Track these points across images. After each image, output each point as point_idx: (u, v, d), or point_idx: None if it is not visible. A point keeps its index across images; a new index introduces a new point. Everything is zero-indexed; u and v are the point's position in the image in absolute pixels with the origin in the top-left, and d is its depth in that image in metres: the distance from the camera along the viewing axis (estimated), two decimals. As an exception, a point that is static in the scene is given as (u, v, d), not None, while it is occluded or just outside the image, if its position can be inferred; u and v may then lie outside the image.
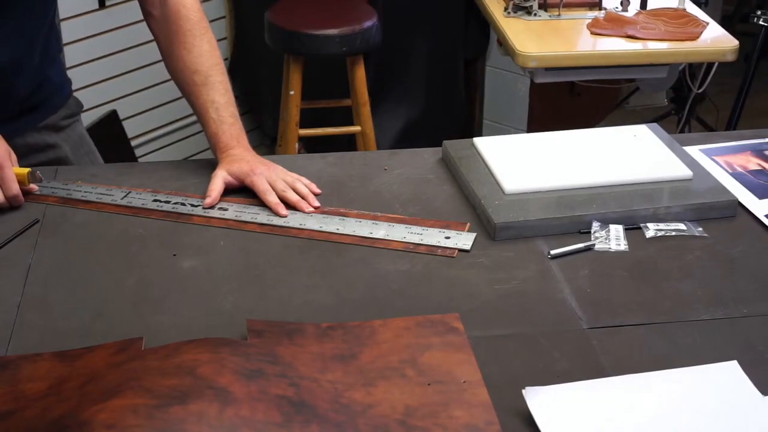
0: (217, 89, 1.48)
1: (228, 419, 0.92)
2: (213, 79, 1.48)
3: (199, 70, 1.49)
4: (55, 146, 1.65)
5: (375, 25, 2.83)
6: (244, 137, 1.48)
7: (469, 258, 1.30)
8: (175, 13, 1.51)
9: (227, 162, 1.44)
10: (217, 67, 1.50)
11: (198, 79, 1.48)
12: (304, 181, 1.43)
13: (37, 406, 0.99)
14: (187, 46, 1.50)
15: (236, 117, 1.49)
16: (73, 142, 1.69)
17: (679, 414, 1.00)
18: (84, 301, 1.21)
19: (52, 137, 1.65)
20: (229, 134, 1.46)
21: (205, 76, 1.48)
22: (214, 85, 1.48)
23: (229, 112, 1.48)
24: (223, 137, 1.46)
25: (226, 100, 1.48)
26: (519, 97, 3.35)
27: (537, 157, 1.49)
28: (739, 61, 2.61)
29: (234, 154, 1.45)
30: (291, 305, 1.20)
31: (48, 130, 1.64)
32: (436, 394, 1.03)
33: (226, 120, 1.47)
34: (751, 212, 1.42)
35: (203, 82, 1.48)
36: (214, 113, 1.47)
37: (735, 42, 2.52)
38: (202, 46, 1.50)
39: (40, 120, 1.63)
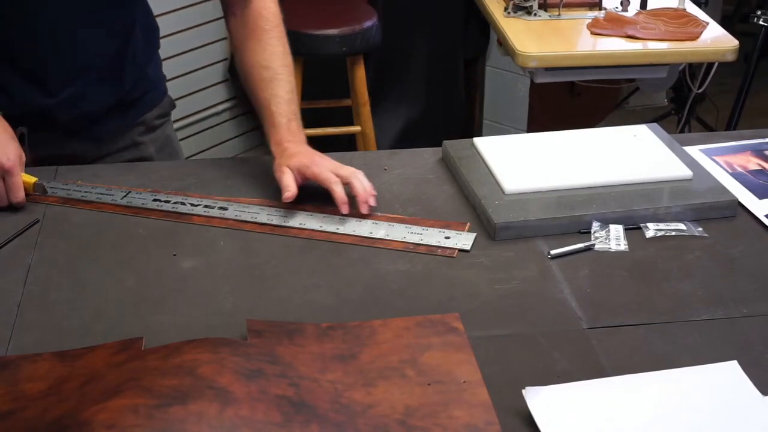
0: (283, 86, 1.49)
1: (228, 419, 0.92)
2: (281, 77, 1.50)
3: (269, 66, 1.50)
4: (142, 145, 1.67)
5: (375, 25, 2.83)
6: (302, 134, 1.47)
7: (469, 258, 1.30)
8: (256, 14, 1.54)
9: (285, 156, 1.42)
10: (287, 68, 1.51)
11: (266, 75, 1.49)
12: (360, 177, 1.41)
13: (37, 406, 0.99)
14: (262, 44, 1.52)
15: (297, 116, 1.48)
16: (159, 143, 1.71)
17: (679, 414, 1.00)
18: (84, 301, 1.21)
19: (142, 137, 1.67)
20: (287, 128, 1.45)
21: (274, 73, 1.50)
22: (280, 82, 1.49)
23: (291, 109, 1.48)
24: (280, 130, 1.45)
25: (289, 98, 1.49)
26: (519, 97, 3.35)
27: (537, 157, 1.49)
28: (739, 61, 2.61)
29: (290, 148, 1.43)
30: (291, 305, 1.20)
31: (140, 128, 1.67)
32: (436, 394, 1.03)
33: (286, 114, 1.46)
34: (751, 212, 1.42)
35: (271, 77, 1.49)
36: (275, 106, 1.47)
37: (735, 42, 2.52)
38: (276, 47, 1.52)
39: (137, 117, 1.65)
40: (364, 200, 1.37)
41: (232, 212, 1.39)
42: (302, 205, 1.41)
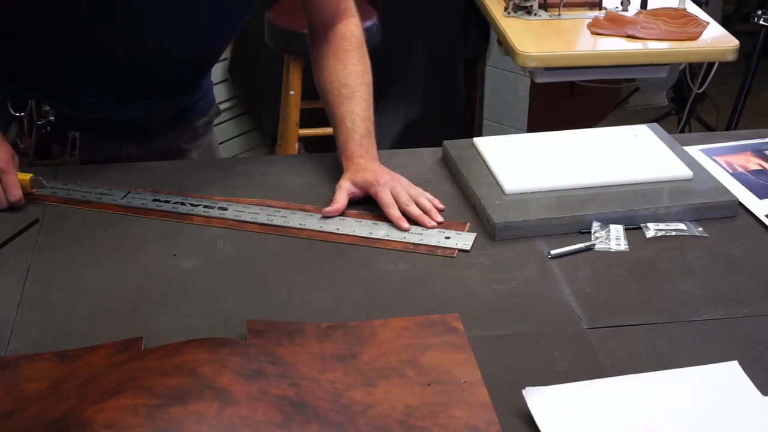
0: (360, 104, 1.50)
1: (228, 419, 0.92)
2: (359, 95, 1.51)
3: (348, 84, 1.52)
4: (185, 152, 1.68)
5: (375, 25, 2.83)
6: (375, 150, 1.47)
7: (469, 258, 1.30)
8: (340, 36, 1.56)
9: (352, 171, 1.43)
10: (365, 86, 1.53)
11: (345, 92, 1.51)
12: (427, 196, 1.41)
13: (37, 406, 0.99)
14: (343, 63, 1.54)
15: (371, 132, 1.49)
16: (202, 149, 1.71)
17: (679, 414, 1.00)
18: (84, 301, 1.21)
19: (187, 143, 1.68)
20: (359, 144, 1.46)
21: (352, 91, 1.51)
22: (358, 100, 1.51)
23: (365, 126, 1.49)
24: (352, 145, 1.46)
25: (365, 115, 1.50)
26: (519, 97, 3.35)
27: (537, 157, 1.49)
28: (739, 61, 2.61)
29: (359, 163, 1.44)
30: (291, 305, 1.20)
31: (186, 135, 1.67)
32: (436, 394, 1.03)
33: (360, 131, 1.47)
34: (751, 212, 1.42)
35: (349, 95, 1.51)
36: (350, 123, 1.48)
37: (735, 42, 2.52)
38: (357, 66, 1.54)
39: (188, 125, 1.66)
40: (424, 222, 1.37)
41: (232, 212, 1.39)
42: (302, 205, 1.41)
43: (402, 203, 1.38)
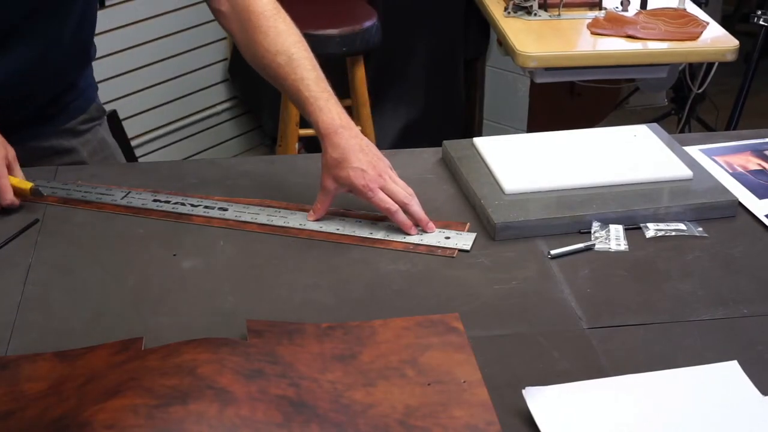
0: (304, 66, 1.41)
1: (228, 419, 0.92)
2: (297, 56, 1.42)
3: (280, 50, 1.42)
4: (73, 150, 1.64)
5: (375, 25, 2.83)
6: (343, 110, 1.40)
7: (469, 258, 1.30)
8: (243, 1, 1.46)
9: (333, 163, 1.35)
10: (298, 44, 1.44)
11: (281, 60, 1.42)
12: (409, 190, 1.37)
13: (37, 406, 0.99)
14: (263, 30, 1.44)
15: (330, 91, 1.41)
16: (91, 147, 1.67)
17: (679, 414, 1.00)
18: (84, 301, 1.21)
19: (70, 141, 1.63)
20: (327, 110, 1.38)
21: (288, 56, 1.42)
22: (299, 61, 1.42)
23: (321, 87, 1.40)
24: (321, 116, 1.38)
25: (315, 75, 1.41)
26: (519, 97, 3.35)
27: (537, 157, 1.49)
28: (739, 61, 2.61)
29: (339, 144, 1.35)
30: (291, 305, 1.20)
31: (66, 134, 1.63)
32: (436, 394, 1.03)
33: (321, 96, 1.39)
34: (751, 212, 1.42)
35: (287, 61, 1.41)
36: (306, 91, 1.39)
37: (735, 42, 2.52)
38: (278, 26, 1.44)
39: (57, 125, 1.61)
40: (424, 225, 1.35)
41: (232, 213, 1.39)
42: (302, 205, 1.41)
43: (400, 201, 1.35)
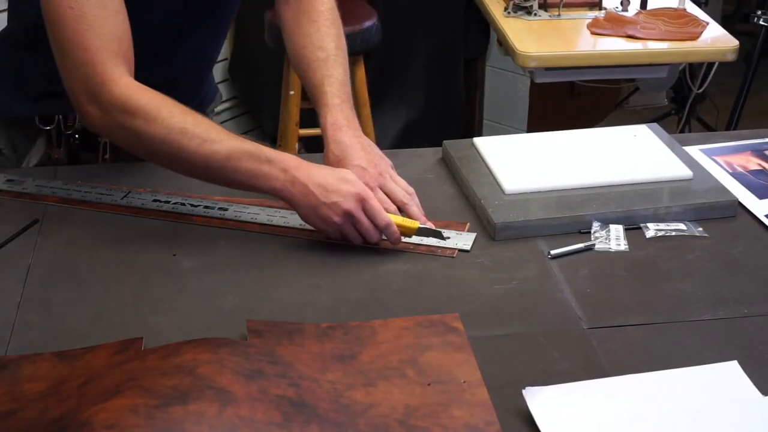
0: (337, 68, 1.44)
1: (228, 419, 0.92)
2: (336, 59, 1.45)
3: (324, 47, 1.46)
4: None
5: (375, 25, 2.83)
6: (354, 115, 1.42)
7: (469, 258, 1.30)
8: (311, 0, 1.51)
9: (335, 160, 1.36)
10: (342, 52, 1.47)
11: (321, 55, 1.45)
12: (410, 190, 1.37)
13: (37, 406, 0.99)
14: (317, 25, 1.48)
15: (349, 97, 1.43)
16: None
17: (679, 414, 1.00)
18: (84, 301, 1.21)
19: None
20: (338, 109, 1.40)
21: (329, 54, 1.46)
22: (336, 63, 1.45)
23: (345, 90, 1.43)
24: (333, 110, 1.40)
25: (344, 79, 1.44)
26: (519, 97, 3.35)
27: (537, 157, 1.49)
28: (739, 61, 2.61)
29: (341, 141, 1.37)
30: (291, 305, 1.20)
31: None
32: (436, 394, 1.03)
33: (340, 95, 1.41)
34: (751, 212, 1.42)
35: (325, 57, 1.45)
36: (328, 86, 1.42)
37: (735, 42, 2.52)
38: (331, 30, 1.49)
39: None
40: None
41: (232, 213, 1.39)
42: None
43: (399, 202, 1.34)
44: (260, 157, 1.29)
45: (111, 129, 1.31)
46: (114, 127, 1.30)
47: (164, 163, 1.34)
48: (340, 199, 1.27)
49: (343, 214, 1.27)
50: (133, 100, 1.28)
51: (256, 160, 1.29)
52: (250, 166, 1.28)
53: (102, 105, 1.29)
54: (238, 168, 1.28)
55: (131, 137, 1.30)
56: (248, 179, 1.29)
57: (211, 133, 1.29)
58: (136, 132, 1.28)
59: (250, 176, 1.29)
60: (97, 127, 1.32)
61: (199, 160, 1.29)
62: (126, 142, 1.32)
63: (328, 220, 1.27)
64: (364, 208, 1.28)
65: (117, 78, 1.29)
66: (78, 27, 1.28)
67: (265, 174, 1.28)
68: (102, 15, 1.29)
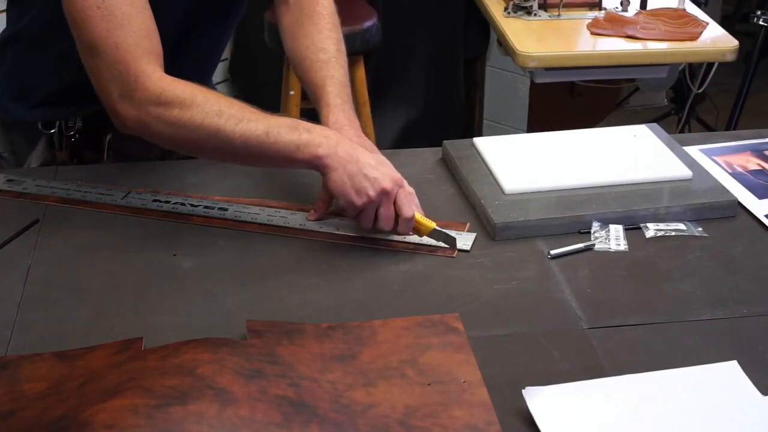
0: (339, 69, 1.46)
1: (228, 419, 0.92)
2: (337, 61, 1.46)
3: (326, 49, 1.47)
4: None
5: (375, 25, 2.83)
6: (355, 117, 1.43)
7: (469, 258, 1.30)
8: (311, 3, 1.52)
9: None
10: (342, 55, 1.48)
11: (323, 56, 1.46)
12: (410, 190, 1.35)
13: (37, 406, 0.99)
14: (318, 28, 1.49)
15: (350, 98, 1.45)
16: None
17: (678, 414, 1.00)
18: (84, 301, 1.21)
19: None
20: (340, 110, 1.41)
21: (330, 56, 1.47)
22: (337, 65, 1.46)
23: (346, 92, 1.44)
24: (335, 110, 1.41)
25: (345, 81, 1.45)
26: (519, 97, 3.35)
27: (537, 157, 1.49)
28: (739, 61, 2.61)
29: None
30: (291, 305, 1.20)
31: None
32: (436, 394, 1.03)
33: (341, 96, 1.43)
34: (751, 212, 1.42)
35: (327, 59, 1.46)
36: (330, 86, 1.43)
37: (735, 42, 2.52)
38: (332, 34, 1.50)
39: None
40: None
41: (232, 213, 1.39)
42: (302, 205, 1.41)
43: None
44: (299, 128, 1.30)
45: (146, 124, 1.30)
46: (149, 121, 1.30)
47: (204, 149, 1.34)
48: (381, 177, 1.28)
49: (380, 191, 1.28)
50: (167, 92, 1.29)
51: (295, 131, 1.29)
52: (291, 137, 1.29)
53: (136, 101, 1.29)
54: (277, 141, 1.29)
55: (168, 128, 1.29)
56: (289, 151, 1.29)
57: (245, 113, 1.30)
58: (173, 122, 1.28)
59: (290, 147, 1.29)
60: (130, 124, 1.32)
61: (237, 140, 1.28)
62: (163, 134, 1.31)
63: (361, 192, 1.28)
64: (397, 193, 1.29)
65: (150, 73, 1.29)
66: (108, 26, 1.28)
67: (306, 142, 1.29)
68: (131, 12, 1.29)
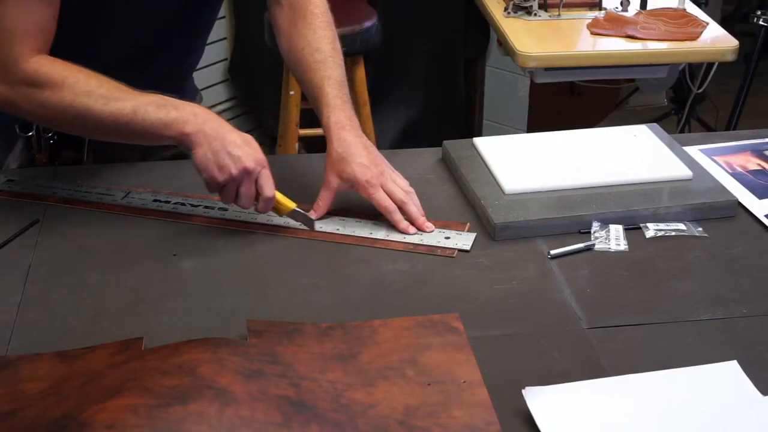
0: (335, 69, 1.46)
1: (228, 419, 0.92)
2: (333, 61, 1.47)
3: (321, 49, 1.47)
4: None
5: (375, 25, 2.83)
6: (354, 116, 1.43)
7: (469, 258, 1.30)
8: (304, 2, 1.52)
9: (338, 159, 1.37)
10: (338, 54, 1.49)
11: (319, 57, 1.47)
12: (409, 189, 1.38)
13: (37, 406, 0.99)
14: (313, 28, 1.50)
15: (348, 97, 1.45)
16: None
17: (678, 414, 1.00)
18: (84, 301, 1.21)
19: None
20: (340, 109, 1.41)
21: (326, 56, 1.47)
22: (334, 64, 1.46)
23: (344, 92, 1.44)
24: (336, 110, 1.41)
25: (342, 80, 1.46)
26: (519, 97, 3.35)
27: (537, 157, 1.49)
28: (738, 61, 2.61)
29: (345, 140, 1.38)
30: (291, 305, 1.20)
31: None
32: (436, 394, 1.03)
33: (340, 96, 1.43)
34: (751, 212, 1.42)
35: (323, 59, 1.46)
36: (329, 87, 1.43)
37: (735, 42, 2.52)
38: (327, 33, 1.50)
39: None
40: (420, 225, 1.35)
41: (233, 213, 1.39)
42: (302, 205, 1.41)
43: (398, 201, 1.35)
44: (167, 105, 1.32)
45: (17, 104, 1.34)
46: (20, 101, 1.33)
47: (75, 128, 1.37)
48: (243, 156, 1.29)
49: (242, 170, 1.29)
50: (39, 73, 1.32)
51: (164, 108, 1.31)
52: (158, 114, 1.31)
53: (9, 81, 1.32)
54: (145, 119, 1.31)
55: (40, 109, 1.33)
56: (157, 128, 1.31)
57: (114, 92, 1.32)
58: (43, 103, 1.32)
59: (157, 125, 1.31)
60: (2, 103, 1.35)
61: (106, 119, 1.31)
62: (35, 114, 1.36)
63: (224, 169, 1.29)
64: (259, 173, 1.30)
65: (27, 56, 1.32)
66: (3, 10, 1.31)
67: (173, 119, 1.31)
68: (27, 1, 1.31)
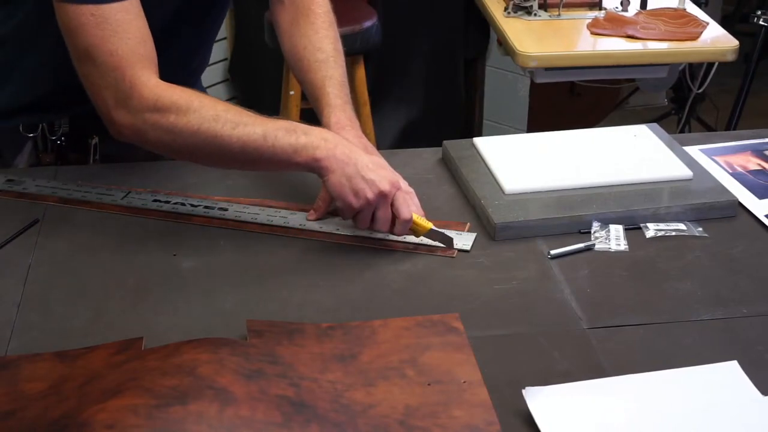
0: (337, 69, 1.46)
1: (228, 419, 0.92)
2: (335, 61, 1.46)
3: (323, 49, 1.47)
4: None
5: (375, 25, 2.83)
6: (355, 117, 1.42)
7: (469, 258, 1.30)
8: (307, 1, 1.52)
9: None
10: (339, 54, 1.48)
11: (321, 56, 1.46)
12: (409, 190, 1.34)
13: (37, 406, 0.99)
14: (315, 27, 1.49)
15: (349, 98, 1.44)
16: None
17: (678, 414, 1.00)
18: (84, 301, 1.21)
19: None
20: (341, 110, 1.41)
21: (328, 56, 1.47)
22: (335, 64, 1.46)
23: (345, 92, 1.44)
24: (336, 110, 1.41)
25: (343, 80, 1.45)
26: (519, 97, 3.35)
27: (537, 157, 1.49)
28: (739, 61, 2.61)
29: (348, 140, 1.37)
30: (291, 305, 1.20)
31: None
32: (436, 394, 1.03)
33: (341, 96, 1.43)
34: (751, 212, 1.42)
35: (325, 59, 1.46)
36: (330, 87, 1.43)
37: (735, 42, 2.52)
38: (329, 33, 1.50)
39: None
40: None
41: (233, 213, 1.39)
42: (302, 205, 1.41)
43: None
44: (296, 131, 1.29)
45: (142, 132, 1.29)
46: (145, 128, 1.29)
47: (201, 155, 1.32)
48: (378, 179, 1.27)
49: (378, 193, 1.27)
50: (163, 98, 1.28)
51: (293, 133, 1.29)
52: (289, 140, 1.28)
53: (132, 109, 1.28)
54: (275, 144, 1.28)
55: (165, 135, 1.28)
56: (287, 154, 1.28)
57: (242, 117, 1.29)
58: (170, 128, 1.27)
59: (287, 151, 1.28)
60: (126, 132, 1.31)
61: (235, 144, 1.28)
62: (160, 141, 1.30)
63: (360, 194, 1.27)
64: (395, 195, 1.29)
65: (146, 80, 1.29)
66: (102, 33, 1.27)
67: (304, 144, 1.28)
68: (125, 19, 1.29)
